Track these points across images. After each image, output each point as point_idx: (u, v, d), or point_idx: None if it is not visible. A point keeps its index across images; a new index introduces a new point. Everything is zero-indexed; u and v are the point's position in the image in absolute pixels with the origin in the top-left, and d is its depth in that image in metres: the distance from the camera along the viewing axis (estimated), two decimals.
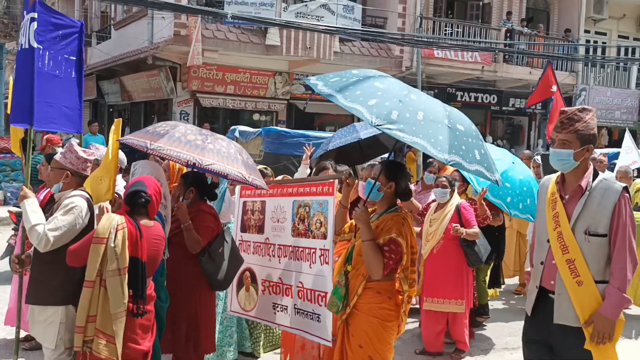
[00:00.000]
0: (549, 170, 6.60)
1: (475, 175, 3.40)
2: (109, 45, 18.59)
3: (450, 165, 2.95)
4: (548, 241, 3.13)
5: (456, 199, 5.28)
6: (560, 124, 3.06)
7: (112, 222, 3.24)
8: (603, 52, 21.60)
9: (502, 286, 7.34)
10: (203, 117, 15.88)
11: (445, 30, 17.61)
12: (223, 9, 13.65)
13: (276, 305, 4.03)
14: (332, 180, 3.73)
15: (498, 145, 18.77)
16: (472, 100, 19.24)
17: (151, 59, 14.98)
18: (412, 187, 4.91)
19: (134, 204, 3.37)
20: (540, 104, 20.43)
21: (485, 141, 14.13)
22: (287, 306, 3.93)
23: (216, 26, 14.22)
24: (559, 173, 3.22)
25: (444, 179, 5.34)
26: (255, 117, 16.90)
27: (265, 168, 5.17)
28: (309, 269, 3.75)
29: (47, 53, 3.98)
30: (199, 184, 4.08)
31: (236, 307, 4.46)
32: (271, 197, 4.15)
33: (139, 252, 3.26)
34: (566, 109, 3.13)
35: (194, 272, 3.93)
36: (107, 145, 12.25)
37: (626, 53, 21.99)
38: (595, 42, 21.42)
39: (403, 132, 2.83)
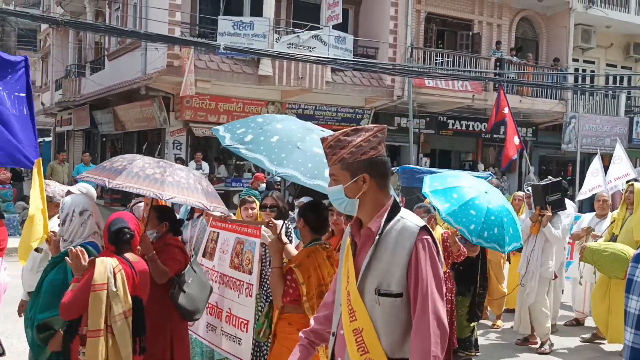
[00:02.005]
0: (539, 201, 6.66)
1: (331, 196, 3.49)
2: (103, 75, 18.73)
3: (280, 176, 3.41)
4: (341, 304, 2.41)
5: None
6: (325, 156, 2.42)
7: (107, 266, 3.19)
8: (592, 80, 21.89)
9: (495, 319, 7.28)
10: (196, 147, 15.94)
11: (436, 59, 17.83)
12: (216, 40, 13.81)
13: (209, 324, 4.54)
14: (259, 225, 4.21)
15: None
16: (464, 128, 19.40)
17: (144, 89, 15.07)
18: None
19: (120, 241, 3.35)
20: (531, 131, 20.69)
21: (477, 169, 14.13)
22: (216, 327, 4.44)
23: (209, 57, 14.35)
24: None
25: None
26: None
27: (248, 197, 5.39)
28: (237, 298, 4.23)
29: (5, 94, 3.96)
30: (172, 219, 4.14)
31: None
32: (223, 230, 4.60)
33: (137, 290, 3.25)
34: (327, 136, 2.44)
35: (163, 305, 3.94)
36: None
37: (614, 81, 22.29)
38: (584, 70, 21.72)
39: (248, 150, 3.40)
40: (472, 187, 5.47)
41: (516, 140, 9.91)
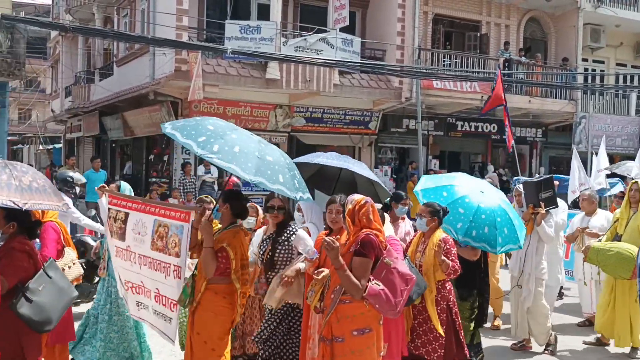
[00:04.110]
0: (531, 199, 6.50)
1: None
2: (112, 81, 18.81)
3: (254, 183, 3.93)
4: None
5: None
6: None
7: None
8: (601, 80, 21.72)
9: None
10: None
11: (444, 61, 17.77)
12: (223, 45, 13.83)
13: (140, 303, 4.67)
14: (189, 210, 4.30)
15: (499, 175, 18.81)
16: (473, 129, 19.31)
17: (153, 95, 15.12)
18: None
19: None
20: (541, 132, 20.57)
21: (487, 170, 14.05)
22: (148, 306, 4.59)
23: (217, 61, 14.39)
24: None
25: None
26: None
27: (205, 196, 5.72)
28: (165, 279, 4.34)
29: None
30: (21, 219, 3.86)
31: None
32: (135, 211, 4.62)
33: None
34: None
35: (7, 317, 3.66)
36: (106, 179, 12.25)
37: (624, 80, 22.14)
38: (594, 70, 21.58)
39: (221, 159, 3.88)
40: (466, 186, 5.31)
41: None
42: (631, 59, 22.55)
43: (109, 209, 4.78)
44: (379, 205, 4.79)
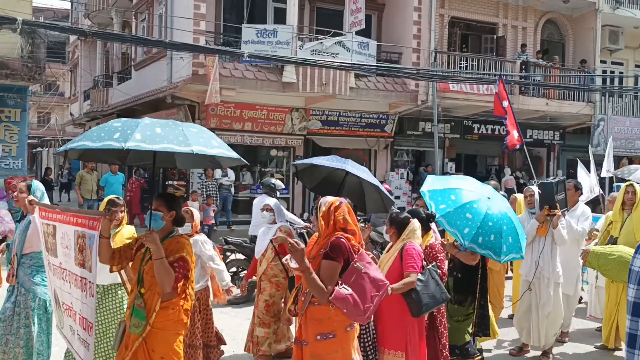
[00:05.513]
0: (546, 200, 6.32)
1: None
2: (130, 85, 19.00)
3: (195, 151, 3.66)
4: None
5: (406, 239, 4.75)
6: None
7: None
8: (620, 82, 21.52)
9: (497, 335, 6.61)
10: None
11: (460, 63, 17.72)
12: (240, 48, 13.92)
13: (72, 328, 4.17)
14: (99, 217, 3.87)
15: (516, 177, 18.71)
16: (489, 132, 19.22)
17: (170, 98, 15.25)
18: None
19: None
20: (558, 134, 20.41)
21: (504, 173, 13.94)
22: (75, 330, 4.08)
23: (233, 65, 14.47)
24: None
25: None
26: (273, 153, 17.05)
27: (117, 198, 5.15)
28: (85, 298, 3.91)
29: None
30: None
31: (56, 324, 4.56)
32: (60, 223, 4.20)
33: None
34: None
35: None
36: (125, 183, 12.49)
37: None
38: (612, 72, 21.38)
39: (149, 144, 3.55)
40: (474, 191, 5.22)
41: (515, 135, 9.78)
42: None
43: (44, 224, 4.39)
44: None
